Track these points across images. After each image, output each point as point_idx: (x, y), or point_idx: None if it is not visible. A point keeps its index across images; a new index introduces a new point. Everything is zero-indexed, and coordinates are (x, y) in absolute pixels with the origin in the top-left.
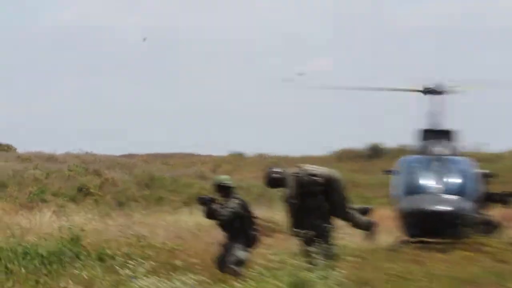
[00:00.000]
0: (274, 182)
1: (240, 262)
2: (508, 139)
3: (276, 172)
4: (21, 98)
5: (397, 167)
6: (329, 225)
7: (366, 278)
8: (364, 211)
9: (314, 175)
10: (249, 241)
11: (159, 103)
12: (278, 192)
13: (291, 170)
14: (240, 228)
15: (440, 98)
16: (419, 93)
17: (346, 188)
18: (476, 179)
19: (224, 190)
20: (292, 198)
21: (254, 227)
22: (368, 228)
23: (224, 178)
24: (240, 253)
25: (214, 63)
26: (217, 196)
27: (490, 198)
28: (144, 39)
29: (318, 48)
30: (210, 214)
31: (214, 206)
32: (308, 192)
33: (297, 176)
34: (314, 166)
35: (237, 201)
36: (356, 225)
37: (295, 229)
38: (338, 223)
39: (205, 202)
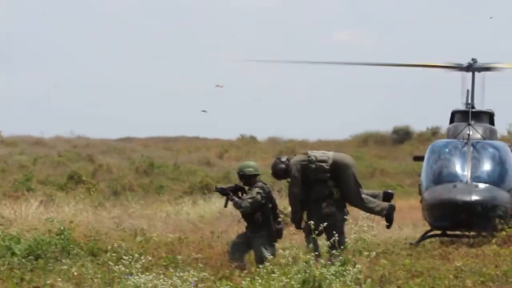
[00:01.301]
0: (280, 172)
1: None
2: None
3: (283, 162)
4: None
5: (427, 153)
6: (343, 214)
7: (387, 275)
8: (386, 196)
9: (321, 161)
10: (273, 236)
11: (161, 79)
12: (287, 182)
13: (297, 157)
14: (263, 220)
15: (474, 76)
16: (452, 71)
17: (357, 173)
18: None
19: (247, 178)
20: (296, 187)
21: (279, 220)
22: (387, 214)
23: (245, 165)
24: (265, 251)
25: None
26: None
27: None
28: None
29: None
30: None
31: (234, 196)
32: (316, 179)
33: (302, 163)
34: (323, 151)
35: (258, 189)
36: (373, 211)
37: (296, 220)
38: (357, 212)
39: (224, 192)
